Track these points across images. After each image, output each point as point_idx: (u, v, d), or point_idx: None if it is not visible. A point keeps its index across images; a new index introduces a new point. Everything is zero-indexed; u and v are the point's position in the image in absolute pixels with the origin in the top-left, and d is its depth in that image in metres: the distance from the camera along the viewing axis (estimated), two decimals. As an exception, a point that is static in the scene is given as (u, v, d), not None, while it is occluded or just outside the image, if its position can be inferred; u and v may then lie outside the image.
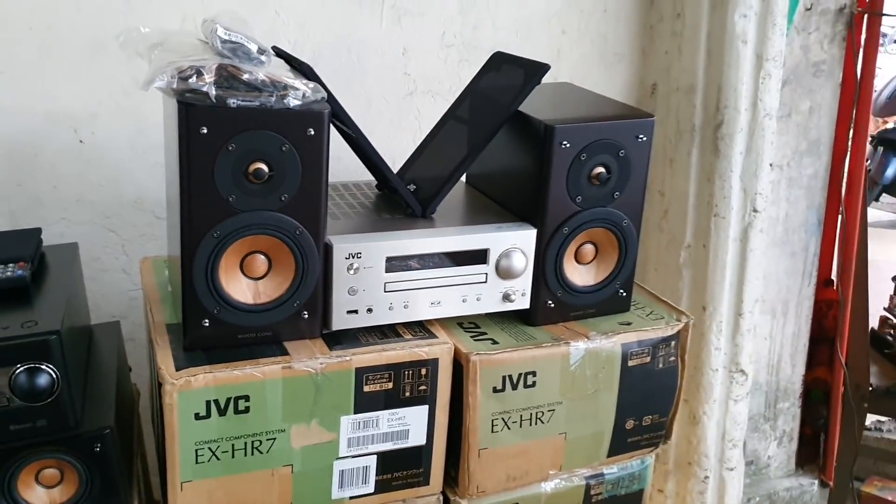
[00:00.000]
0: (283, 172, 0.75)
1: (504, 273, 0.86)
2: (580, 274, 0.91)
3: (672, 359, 0.93)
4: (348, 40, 1.20)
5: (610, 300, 0.93)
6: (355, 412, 0.81)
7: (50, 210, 1.13)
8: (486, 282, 0.86)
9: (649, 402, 0.93)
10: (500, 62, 0.97)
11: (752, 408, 1.65)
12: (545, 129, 0.84)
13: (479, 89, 0.96)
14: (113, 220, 1.16)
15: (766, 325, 1.61)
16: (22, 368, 0.68)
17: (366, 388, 0.80)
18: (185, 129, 0.71)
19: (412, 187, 0.92)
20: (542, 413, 0.87)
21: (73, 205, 1.13)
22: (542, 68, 0.88)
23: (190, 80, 0.69)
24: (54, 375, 0.69)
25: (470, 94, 0.97)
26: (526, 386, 0.86)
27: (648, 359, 0.91)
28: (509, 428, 0.86)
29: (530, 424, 0.87)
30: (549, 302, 0.90)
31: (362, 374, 0.80)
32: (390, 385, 0.81)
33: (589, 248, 0.91)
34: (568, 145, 0.84)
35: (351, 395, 0.80)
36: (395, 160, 1.25)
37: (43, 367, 0.68)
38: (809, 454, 1.74)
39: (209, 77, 0.69)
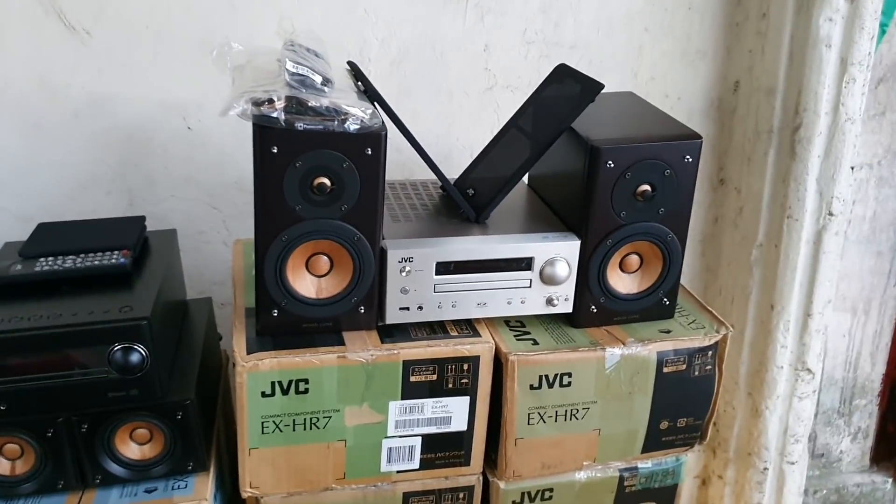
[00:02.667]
0: (343, 186, 0.84)
1: (548, 279, 0.93)
2: (624, 282, 0.97)
3: (709, 367, 0.97)
4: (432, 37, 1.27)
5: (653, 308, 0.98)
6: (402, 398, 0.90)
7: (162, 188, 1.27)
8: (530, 286, 0.93)
9: (684, 406, 0.99)
10: (562, 75, 1.01)
11: (826, 403, 1.66)
12: (592, 149, 0.89)
13: (540, 100, 1.01)
14: (216, 199, 1.29)
15: (845, 322, 1.60)
16: (118, 347, 0.81)
17: (412, 378, 0.90)
18: (258, 147, 0.81)
19: (471, 191, 1.00)
20: (577, 410, 0.94)
21: (182, 184, 1.27)
22: (597, 88, 0.92)
23: (262, 108, 0.78)
24: (144, 354, 0.82)
25: (532, 104, 1.02)
26: (562, 385, 0.93)
27: (684, 366, 0.96)
28: (545, 421, 0.94)
29: (565, 420, 0.95)
30: (592, 307, 0.96)
31: (409, 366, 0.89)
32: (434, 377, 0.90)
33: (634, 259, 0.96)
34: (612, 165, 0.89)
35: (398, 384, 0.89)
36: (473, 150, 1.32)
37: (135, 346, 0.81)
38: (887, 452, 1.73)
39: (279, 104, 0.78)
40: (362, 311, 0.90)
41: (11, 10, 1.13)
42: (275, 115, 0.79)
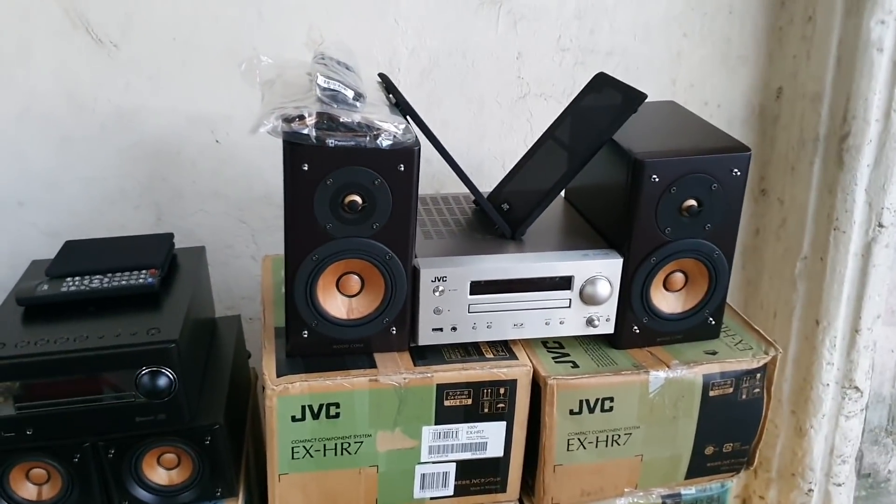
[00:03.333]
0: (374, 203, 0.81)
1: (588, 299, 0.89)
2: (668, 301, 0.92)
3: (757, 391, 0.93)
4: (464, 45, 1.24)
5: (698, 327, 0.94)
6: (436, 423, 0.87)
7: (190, 202, 1.25)
8: (569, 307, 0.90)
9: (731, 431, 0.94)
10: (602, 84, 0.97)
11: (874, 420, 1.59)
12: (635, 162, 0.85)
13: (579, 110, 0.98)
14: (244, 213, 1.27)
15: (894, 337, 1.54)
16: (145, 371, 0.78)
17: (446, 403, 0.86)
18: (288, 165, 0.78)
19: (506, 206, 0.96)
20: (619, 436, 0.90)
21: (210, 198, 1.25)
22: (639, 98, 0.88)
23: (293, 124, 0.76)
24: (172, 378, 0.79)
25: (570, 114, 0.98)
26: (603, 410, 0.89)
27: (731, 390, 0.91)
28: (585, 448, 0.90)
29: (606, 445, 0.91)
30: (635, 327, 0.92)
31: (443, 389, 0.86)
32: (469, 401, 0.87)
33: (678, 277, 0.92)
34: (657, 179, 0.85)
35: (432, 408, 0.86)
36: (505, 161, 1.29)
37: (162, 370, 0.79)
38: (938, 471, 1.66)
39: (310, 121, 0.76)
40: (394, 331, 0.87)
41: (38, 24, 1.12)
42: (305, 131, 0.76)
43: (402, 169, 0.80)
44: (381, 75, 0.94)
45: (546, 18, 1.25)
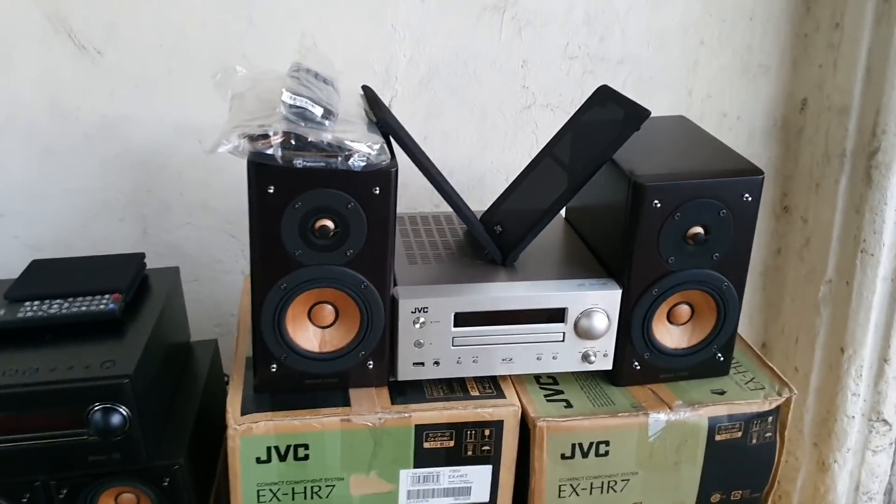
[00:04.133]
0: (348, 229, 0.74)
1: (583, 333, 0.82)
2: (672, 335, 0.85)
3: (768, 434, 0.85)
4: (465, 53, 1.17)
5: (706, 364, 0.86)
6: (415, 466, 0.80)
7: (177, 215, 1.19)
8: (563, 341, 0.83)
9: (739, 478, 0.86)
10: (604, 98, 0.90)
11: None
12: (635, 185, 0.78)
13: (579, 126, 0.90)
14: (234, 226, 1.21)
15: (926, 364, 1.44)
16: (98, 407, 0.73)
17: (426, 445, 0.80)
18: (253, 187, 0.72)
19: (499, 228, 0.89)
20: (615, 482, 0.83)
21: (198, 210, 1.20)
22: (642, 115, 0.81)
23: (258, 144, 0.69)
24: (126, 415, 0.74)
25: (570, 130, 0.91)
26: (598, 455, 0.82)
27: (740, 434, 0.84)
28: (578, 494, 0.83)
29: (601, 492, 0.83)
30: (636, 363, 0.84)
31: (422, 430, 0.79)
32: (451, 443, 0.80)
33: (684, 309, 0.84)
34: (659, 204, 0.78)
35: (411, 450, 0.80)
36: (509, 174, 1.22)
37: (116, 407, 0.73)
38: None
39: (276, 140, 0.69)
40: (371, 366, 0.80)
41: (20, 30, 1.07)
42: (270, 151, 0.70)
43: (378, 192, 0.73)
44: (365, 88, 0.88)
45: (553, 25, 1.17)
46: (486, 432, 0.80)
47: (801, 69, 1.24)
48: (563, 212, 1.02)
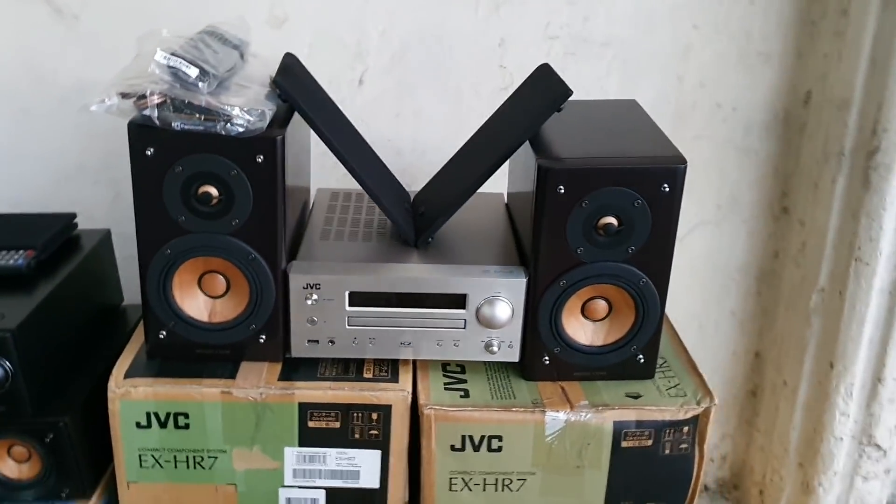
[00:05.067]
0: (232, 197, 0.72)
1: (485, 321, 0.78)
2: (587, 331, 0.80)
3: (683, 446, 0.78)
4: (439, 30, 1.13)
5: (626, 364, 0.80)
6: (300, 445, 0.78)
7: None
8: (464, 328, 0.79)
9: (652, 489, 0.80)
10: (541, 77, 0.85)
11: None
12: (539, 168, 0.73)
13: (512, 106, 0.86)
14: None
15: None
16: (-19, 361, 0.74)
17: (310, 424, 0.77)
18: (133, 149, 0.71)
19: (422, 209, 0.86)
20: (511, 481, 0.79)
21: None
22: (563, 95, 0.76)
23: (135, 103, 0.68)
24: (7, 369, 0.74)
25: (504, 109, 0.87)
26: (490, 449, 0.78)
27: (650, 442, 0.78)
28: (471, 489, 0.79)
29: (496, 490, 0.79)
30: (545, 358, 0.80)
31: (306, 409, 0.77)
32: (338, 424, 0.77)
33: (601, 305, 0.79)
34: (564, 190, 0.73)
35: (294, 428, 0.77)
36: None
37: (-3, 360, 0.74)
38: None
39: (154, 100, 0.68)
40: (263, 339, 0.78)
41: (-2, -9, 1.10)
42: (147, 112, 0.68)
43: (262, 160, 0.71)
44: (287, 55, 0.85)
45: (533, 2, 1.12)
46: (374, 416, 0.77)
47: (807, 59, 1.14)
48: (504, 196, 0.98)
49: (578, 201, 0.73)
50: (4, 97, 1.14)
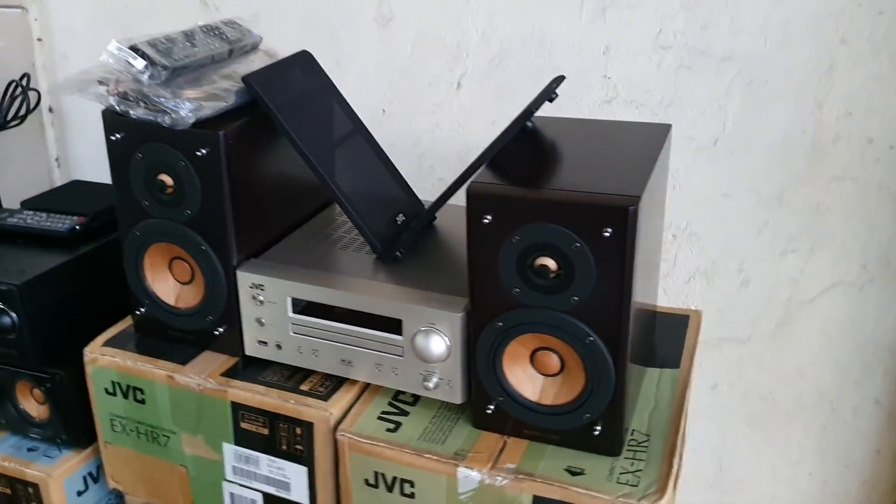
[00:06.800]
0: (183, 188, 0.74)
1: (419, 353, 0.71)
2: (536, 385, 0.69)
3: (618, 545, 0.65)
4: (540, 34, 1.05)
5: (580, 432, 0.68)
6: (236, 443, 0.78)
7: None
8: (402, 356, 0.72)
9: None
10: (552, 88, 0.75)
11: None
12: (467, 194, 0.64)
13: (517, 118, 0.77)
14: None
15: None
16: (-2, 307, 0.84)
17: (243, 425, 0.77)
18: (106, 133, 0.76)
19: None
20: (425, 534, 0.71)
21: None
22: (529, 112, 0.66)
23: (107, 90, 0.73)
24: (13, 319, 0.83)
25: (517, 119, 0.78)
26: (403, 494, 0.71)
27: (576, 530, 0.65)
28: (386, 531, 0.73)
29: (411, 539, 0.72)
30: (490, 406, 0.71)
31: (238, 409, 0.76)
32: (266, 431, 0.76)
33: (552, 358, 0.68)
34: (490, 220, 0.63)
35: (230, 426, 0.77)
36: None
37: (6, 310, 0.83)
38: None
39: (115, 88, 0.72)
40: (219, 332, 0.79)
41: None
42: (112, 100, 0.72)
43: (203, 154, 0.72)
44: (304, 52, 0.84)
45: (644, 6, 0.99)
46: (298, 430, 0.74)
47: None
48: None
49: (509, 235, 0.63)
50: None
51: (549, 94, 0.70)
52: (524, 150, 0.71)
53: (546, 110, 0.90)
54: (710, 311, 1.07)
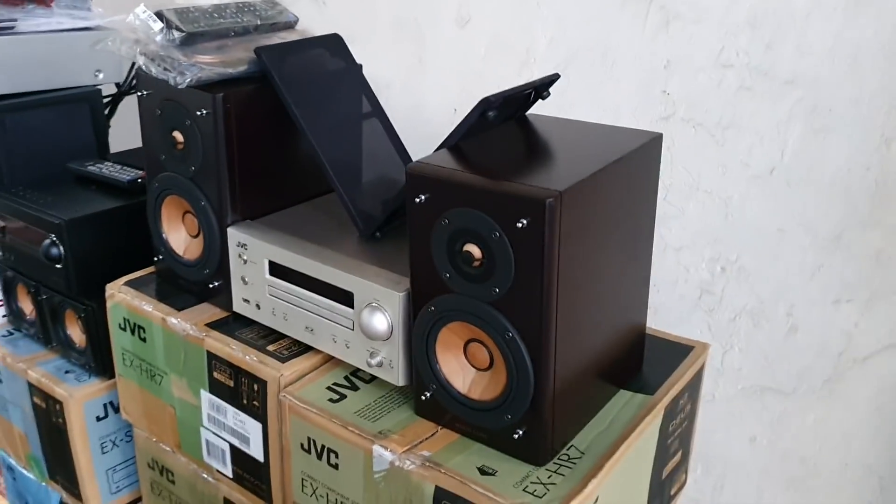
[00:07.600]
0: (189, 145, 0.80)
1: (364, 328, 0.72)
2: (467, 378, 0.68)
3: (508, 553, 0.62)
4: (603, 44, 1.02)
5: (504, 434, 0.66)
6: (210, 391, 0.82)
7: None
8: (352, 329, 0.74)
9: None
10: (549, 83, 0.74)
11: None
12: (406, 172, 0.65)
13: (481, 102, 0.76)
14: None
15: None
16: (50, 239, 0.94)
17: (215, 374, 0.81)
18: (137, 89, 0.83)
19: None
20: (345, 505, 0.72)
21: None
22: (486, 101, 0.66)
23: (133, 49, 0.80)
24: (60, 250, 0.93)
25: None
26: (329, 464, 0.72)
27: (470, 526, 0.63)
28: (317, 500, 0.74)
29: (336, 509, 0.73)
30: (425, 393, 0.70)
31: (212, 358, 0.81)
32: (231, 383, 0.80)
33: (483, 351, 0.67)
34: (423, 200, 0.64)
35: (205, 373, 0.82)
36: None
37: (56, 241, 0.93)
38: None
39: (139, 48, 0.79)
40: (213, 286, 0.84)
41: None
42: (140, 59, 0.80)
43: (203, 114, 0.77)
44: (333, 35, 0.88)
45: (708, 21, 0.94)
46: (255, 387, 0.78)
47: None
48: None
49: (439, 217, 0.63)
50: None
51: (541, 90, 0.67)
52: (491, 141, 0.70)
53: (606, 120, 0.87)
54: (754, 356, 0.99)
